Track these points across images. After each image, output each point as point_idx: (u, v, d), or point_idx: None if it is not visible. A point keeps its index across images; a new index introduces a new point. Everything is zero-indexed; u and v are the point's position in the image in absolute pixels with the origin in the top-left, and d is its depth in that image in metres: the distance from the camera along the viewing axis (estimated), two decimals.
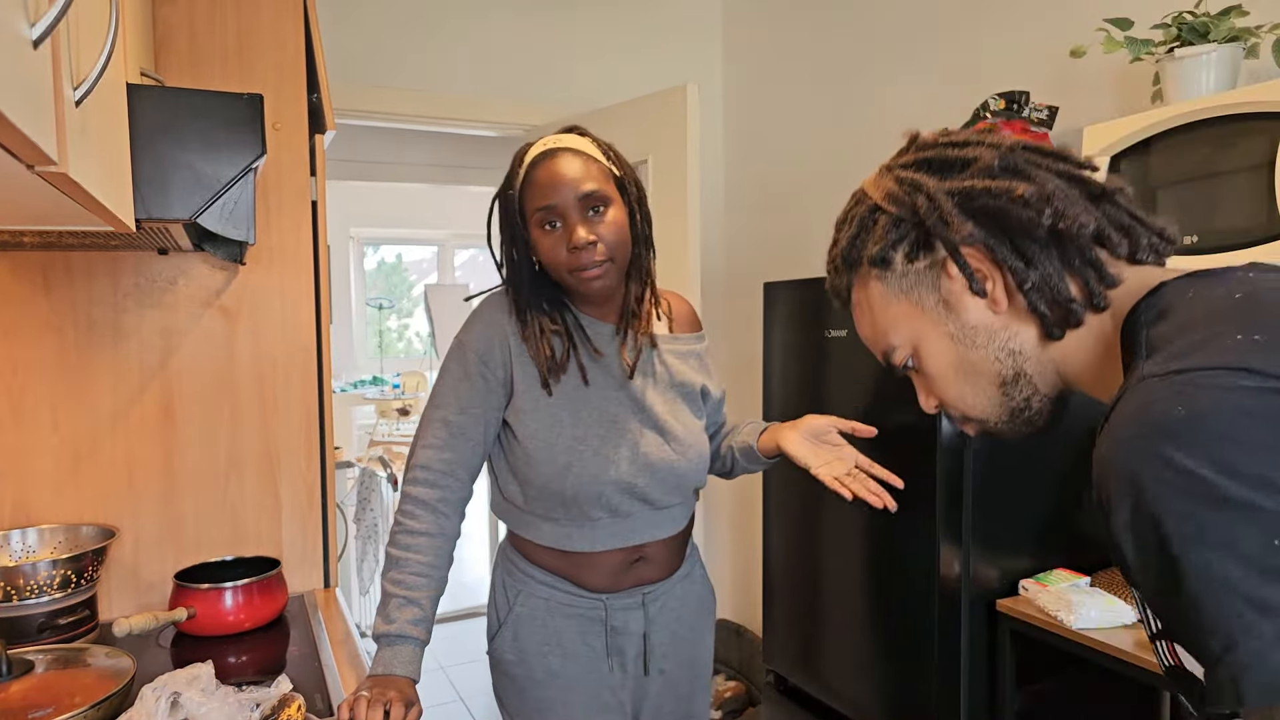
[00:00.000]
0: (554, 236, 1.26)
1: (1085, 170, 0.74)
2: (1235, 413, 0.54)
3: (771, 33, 3.07)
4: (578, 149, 1.28)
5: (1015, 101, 1.88)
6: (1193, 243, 1.39)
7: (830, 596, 1.91)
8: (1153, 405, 0.57)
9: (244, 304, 1.71)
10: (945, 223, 0.73)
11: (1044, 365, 0.75)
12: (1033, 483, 1.70)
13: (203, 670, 1.10)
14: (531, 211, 1.27)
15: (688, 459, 1.35)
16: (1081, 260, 0.71)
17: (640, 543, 1.36)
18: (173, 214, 1.07)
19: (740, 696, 3.06)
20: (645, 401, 1.34)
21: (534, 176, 1.26)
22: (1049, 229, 0.70)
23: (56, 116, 0.60)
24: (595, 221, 1.25)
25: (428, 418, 1.33)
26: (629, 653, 1.40)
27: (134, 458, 1.63)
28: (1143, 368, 0.61)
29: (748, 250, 3.25)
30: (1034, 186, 0.70)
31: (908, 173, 0.78)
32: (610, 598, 1.37)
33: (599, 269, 1.26)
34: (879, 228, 0.78)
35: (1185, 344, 0.60)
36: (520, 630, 1.37)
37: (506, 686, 1.40)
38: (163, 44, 1.60)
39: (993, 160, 0.73)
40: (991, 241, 0.72)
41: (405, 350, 8.26)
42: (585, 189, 1.24)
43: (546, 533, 1.35)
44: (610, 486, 1.30)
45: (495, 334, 1.32)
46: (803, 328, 1.97)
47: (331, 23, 2.71)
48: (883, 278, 0.79)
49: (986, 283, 0.73)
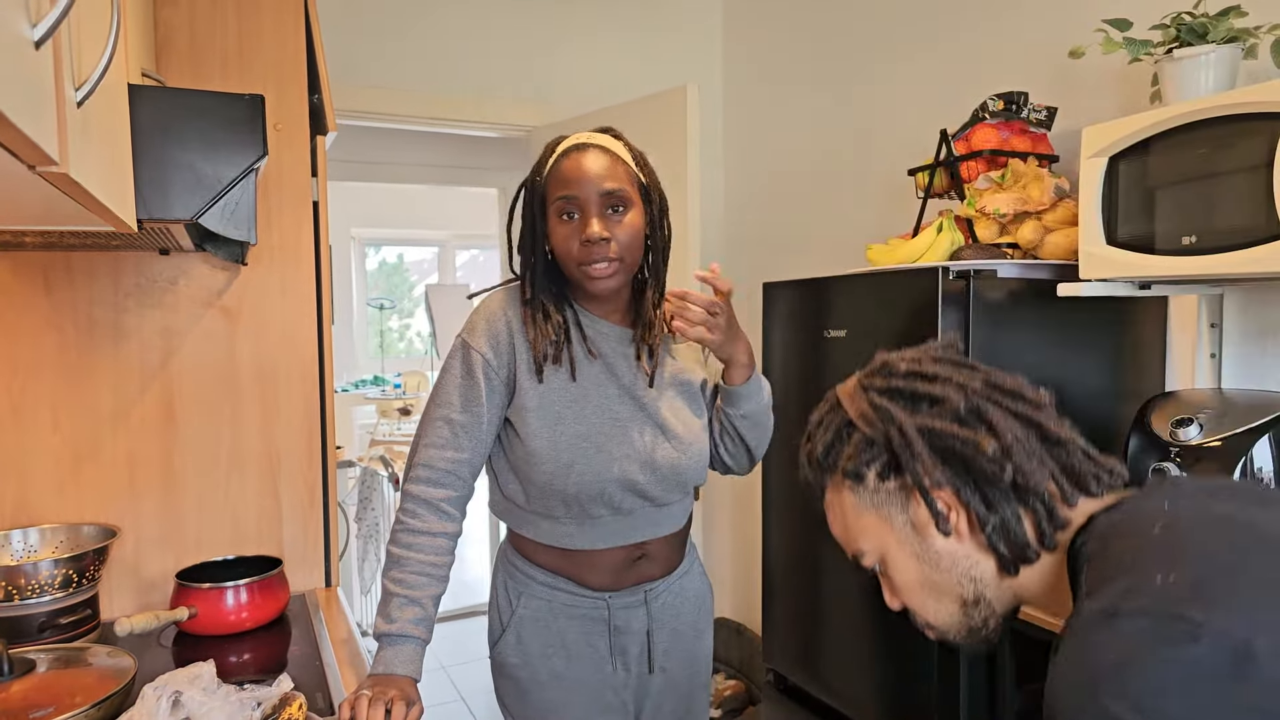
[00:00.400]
0: (570, 227, 1.27)
1: (1040, 412, 0.82)
2: (1158, 662, 0.60)
3: (771, 33, 3.08)
4: (608, 148, 1.30)
5: (1014, 102, 1.88)
6: (1192, 243, 1.39)
7: (830, 595, 1.91)
8: (1089, 650, 0.64)
9: (245, 304, 1.71)
10: (916, 459, 0.80)
11: (1002, 591, 0.83)
12: None
13: (204, 669, 1.10)
14: (552, 199, 1.28)
15: (688, 456, 1.35)
16: (1037, 503, 0.79)
17: (642, 540, 1.36)
18: (174, 214, 1.08)
19: (740, 695, 3.06)
20: (646, 400, 1.34)
21: (560, 166, 1.28)
22: (1010, 482, 0.78)
23: (58, 117, 0.60)
24: (613, 220, 1.27)
25: (430, 416, 1.33)
26: (632, 652, 1.40)
27: (135, 457, 1.64)
28: (1083, 606, 0.69)
29: (747, 250, 3.25)
30: (996, 442, 0.78)
31: (881, 399, 0.84)
32: (612, 596, 1.37)
33: (608, 266, 1.27)
34: (853, 443, 0.85)
35: (1115, 589, 0.67)
36: (524, 633, 1.36)
37: (510, 690, 1.39)
38: (164, 45, 1.60)
39: (959, 403, 0.80)
40: (958, 484, 0.80)
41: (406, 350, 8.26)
42: (608, 186, 1.26)
43: (547, 531, 1.35)
44: (613, 484, 1.30)
45: (499, 331, 1.32)
46: (802, 327, 1.97)
47: (332, 24, 2.71)
48: (855, 490, 0.86)
49: (951, 517, 0.81)
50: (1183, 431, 1.50)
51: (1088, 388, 1.74)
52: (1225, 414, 1.49)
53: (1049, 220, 1.75)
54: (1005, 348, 1.64)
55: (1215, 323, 1.72)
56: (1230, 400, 1.54)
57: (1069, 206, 1.73)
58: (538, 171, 1.32)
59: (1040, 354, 1.68)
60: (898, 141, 2.54)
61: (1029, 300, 1.66)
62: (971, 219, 1.86)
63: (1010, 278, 1.65)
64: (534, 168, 1.33)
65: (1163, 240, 1.44)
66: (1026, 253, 1.78)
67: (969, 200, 1.85)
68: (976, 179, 1.87)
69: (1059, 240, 1.72)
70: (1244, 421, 1.45)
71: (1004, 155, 1.84)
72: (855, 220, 2.71)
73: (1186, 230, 1.40)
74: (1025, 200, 1.75)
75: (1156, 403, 1.61)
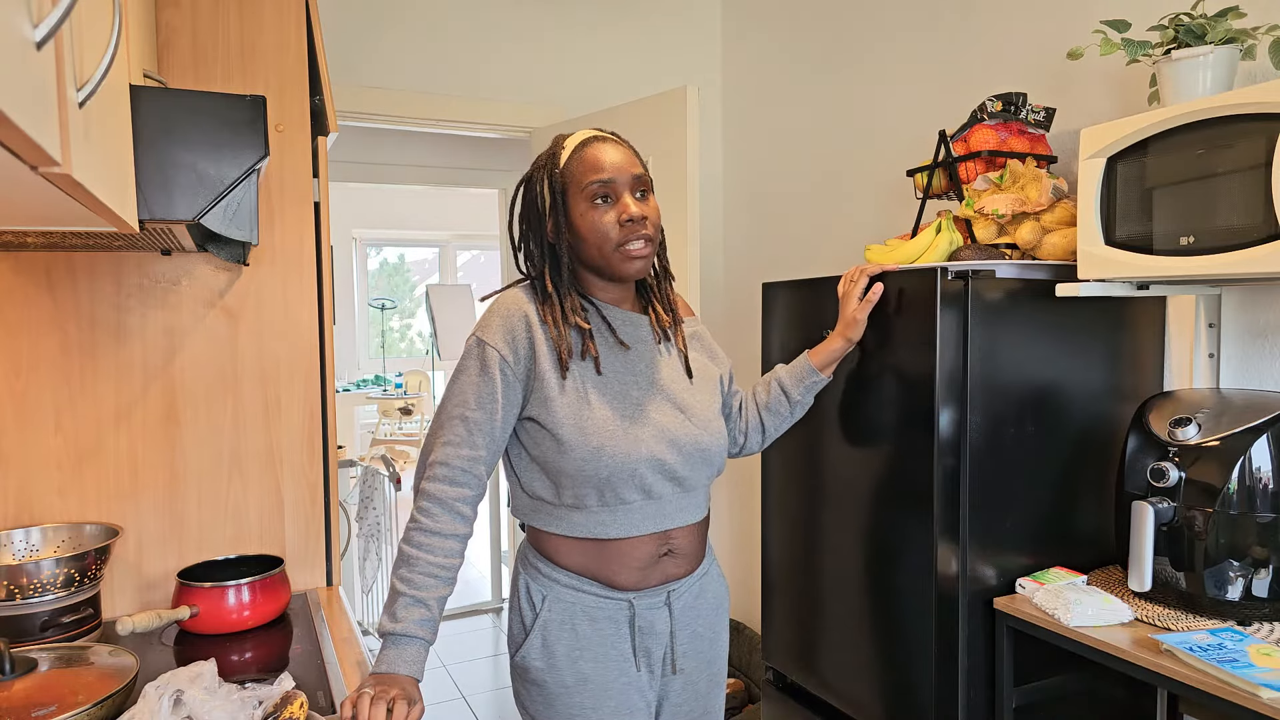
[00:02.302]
0: (605, 210, 1.32)
1: None
2: None
3: (771, 33, 3.08)
4: (620, 141, 1.38)
5: (1012, 103, 1.89)
6: (1190, 244, 1.40)
7: (829, 594, 1.92)
8: None
9: (247, 304, 1.72)
10: None
11: None
12: (1030, 481, 1.71)
13: (205, 668, 1.11)
14: (582, 185, 1.32)
15: (709, 432, 1.38)
16: None
17: (671, 527, 1.37)
18: (176, 215, 1.08)
19: (739, 693, 3.07)
20: (663, 382, 1.38)
21: (585, 154, 1.33)
22: None
23: (60, 118, 0.61)
24: (643, 203, 1.34)
25: (447, 414, 1.33)
26: (655, 653, 1.40)
27: (137, 457, 1.64)
28: None
29: (747, 250, 3.26)
30: None
31: None
32: (636, 596, 1.37)
33: (645, 245, 1.34)
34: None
35: None
36: (549, 636, 1.35)
37: (534, 695, 1.37)
38: (165, 46, 1.61)
39: None
40: None
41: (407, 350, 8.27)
42: (636, 171, 1.34)
43: (579, 523, 1.34)
44: (643, 464, 1.31)
45: (515, 327, 1.33)
46: (802, 327, 1.97)
47: (334, 25, 2.72)
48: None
49: None
50: (1181, 431, 1.50)
51: (1086, 387, 1.74)
52: (1223, 414, 1.50)
53: (1047, 221, 1.75)
54: (1004, 348, 1.64)
55: (1213, 323, 1.73)
56: (1228, 400, 1.54)
57: (1067, 207, 1.73)
58: (552, 164, 1.35)
59: (1039, 354, 1.68)
60: (897, 142, 2.55)
61: (1027, 300, 1.67)
62: (970, 219, 1.86)
63: (1009, 278, 1.65)
64: (545, 162, 1.37)
65: (1161, 240, 1.44)
66: (1025, 253, 1.79)
67: (967, 201, 1.86)
68: (975, 180, 1.87)
69: (1057, 241, 1.72)
70: (1242, 421, 1.45)
71: (1002, 156, 1.85)
72: (854, 220, 2.71)
73: (1184, 230, 1.41)
74: (1023, 201, 1.75)
75: (1155, 402, 1.61)
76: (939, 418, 1.61)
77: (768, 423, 1.61)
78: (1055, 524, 1.74)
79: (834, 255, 2.81)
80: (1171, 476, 1.49)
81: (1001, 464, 1.67)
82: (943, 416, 1.61)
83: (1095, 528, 1.78)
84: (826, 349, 1.62)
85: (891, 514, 1.73)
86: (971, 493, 1.64)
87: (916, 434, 1.65)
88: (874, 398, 1.75)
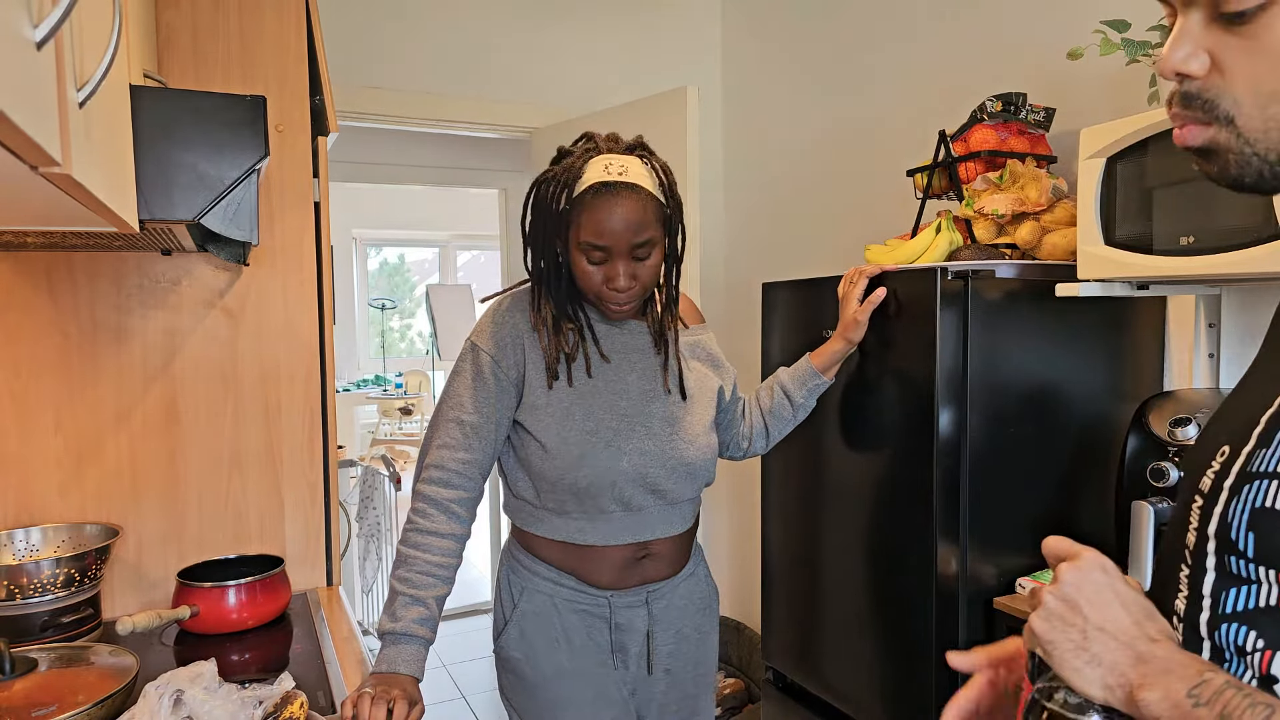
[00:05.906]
0: (596, 268, 1.29)
1: None
2: None
3: (771, 34, 3.08)
4: (639, 187, 1.26)
5: (1012, 103, 1.89)
6: (1189, 243, 1.40)
7: (829, 594, 1.92)
8: None
9: (247, 304, 1.72)
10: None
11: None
12: (1030, 480, 1.71)
13: (206, 668, 1.11)
14: (579, 240, 1.28)
15: (696, 447, 1.37)
16: None
17: (650, 538, 1.37)
18: (176, 215, 1.08)
19: (739, 693, 3.07)
20: (652, 395, 1.37)
21: (593, 206, 1.25)
22: None
23: (60, 118, 0.61)
24: (638, 265, 1.30)
25: (442, 417, 1.35)
26: (631, 651, 1.41)
27: (137, 457, 1.64)
28: None
29: (747, 251, 3.26)
30: None
31: None
32: (615, 595, 1.37)
33: (629, 305, 1.32)
34: None
35: None
36: (526, 627, 1.38)
37: (515, 685, 1.40)
38: (166, 46, 1.61)
39: None
40: None
41: (408, 350, 8.27)
42: (640, 239, 1.27)
43: (559, 527, 1.36)
44: (623, 477, 1.31)
45: (509, 333, 1.34)
46: (801, 328, 1.97)
47: (334, 25, 2.72)
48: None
49: None
50: (1181, 431, 1.50)
51: (1086, 388, 1.74)
52: None
53: (1047, 221, 1.75)
54: (1004, 348, 1.64)
55: (1213, 322, 1.72)
56: None
57: (1067, 207, 1.73)
58: (566, 192, 1.27)
59: (1038, 354, 1.68)
60: (897, 142, 2.55)
61: (1027, 300, 1.67)
62: (970, 219, 1.86)
63: (1008, 278, 1.65)
64: (556, 183, 1.29)
65: (1160, 240, 1.44)
66: (1024, 253, 1.78)
67: (967, 201, 1.86)
68: (975, 180, 1.87)
69: (1057, 241, 1.72)
70: None
71: (1002, 156, 1.85)
72: (854, 220, 2.71)
73: (1184, 230, 1.41)
74: (1023, 201, 1.75)
75: (1154, 402, 1.61)
76: (939, 417, 1.61)
77: (771, 426, 1.61)
78: (1055, 524, 1.74)
79: (834, 255, 2.81)
80: (1171, 476, 1.49)
81: (1001, 464, 1.67)
82: (943, 416, 1.61)
83: (1095, 528, 1.78)
84: (828, 351, 1.62)
85: (891, 513, 1.73)
86: (971, 493, 1.64)
87: (916, 434, 1.65)
88: (874, 398, 1.75)
